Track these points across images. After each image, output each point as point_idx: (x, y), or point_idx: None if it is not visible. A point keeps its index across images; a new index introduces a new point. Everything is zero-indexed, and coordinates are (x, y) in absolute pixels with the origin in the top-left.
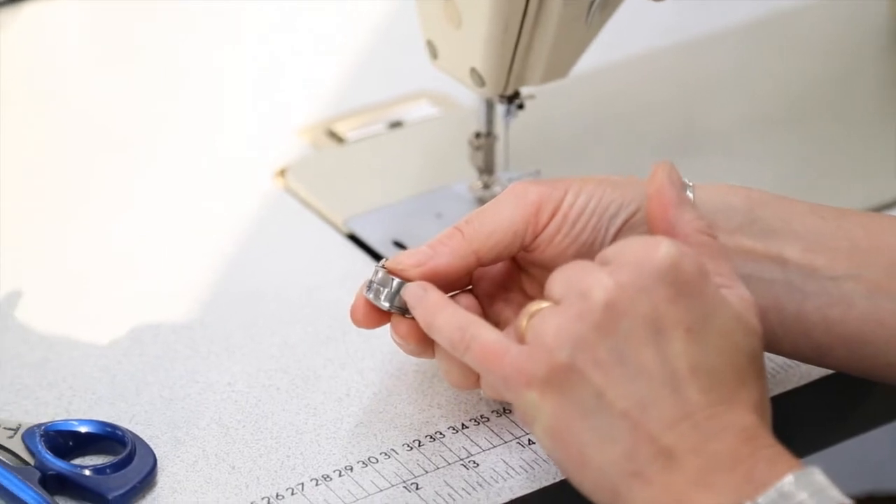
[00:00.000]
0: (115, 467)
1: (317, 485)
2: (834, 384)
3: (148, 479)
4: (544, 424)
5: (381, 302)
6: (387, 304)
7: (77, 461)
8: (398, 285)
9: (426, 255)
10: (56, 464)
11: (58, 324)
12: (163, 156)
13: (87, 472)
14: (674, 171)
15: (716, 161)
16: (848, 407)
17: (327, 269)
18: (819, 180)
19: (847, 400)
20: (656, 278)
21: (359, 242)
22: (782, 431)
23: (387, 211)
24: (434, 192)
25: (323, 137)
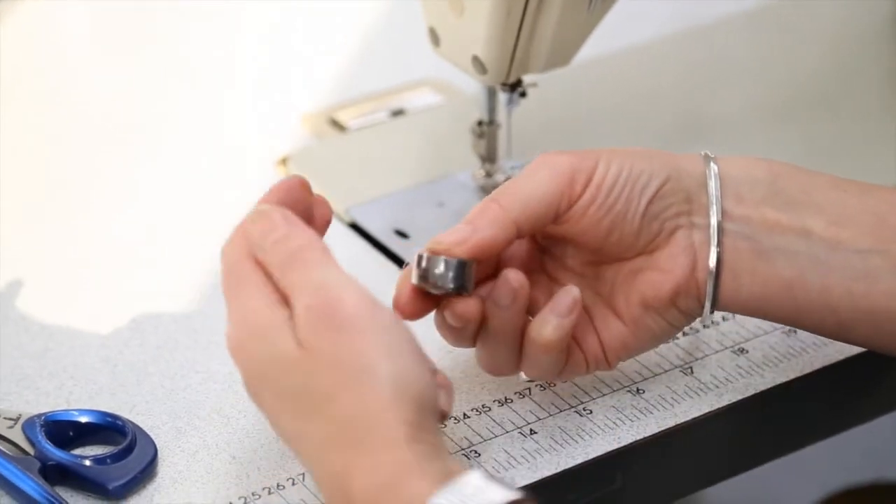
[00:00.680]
0: (116, 457)
1: None
2: (838, 373)
3: (148, 469)
4: None
5: (447, 283)
6: (451, 285)
7: (77, 451)
8: (458, 263)
9: (467, 231)
10: (56, 454)
11: (59, 314)
12: (164, 145)
13: (87, 463)
14: None
15: (719, 149)
16: (853, 395)
17: None
18: (824, 168)
19: (852, 389)
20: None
21: (361, 231)
22: (787, 421)
23: (389, 200)
24: (436, 180)
25: (325, 126)
